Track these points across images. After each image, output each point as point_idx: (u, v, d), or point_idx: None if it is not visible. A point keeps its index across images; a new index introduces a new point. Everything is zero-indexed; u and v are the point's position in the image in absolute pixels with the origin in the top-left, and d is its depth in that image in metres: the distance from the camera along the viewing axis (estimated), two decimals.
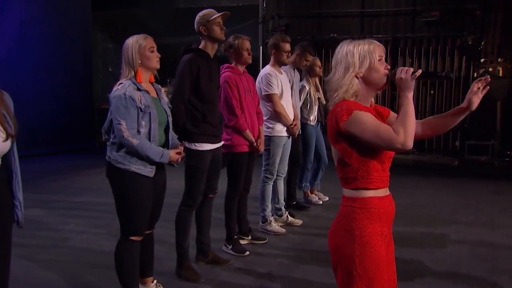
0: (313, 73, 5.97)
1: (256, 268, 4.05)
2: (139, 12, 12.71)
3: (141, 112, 2.94)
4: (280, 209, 5.26)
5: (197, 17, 3.76)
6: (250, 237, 4.65)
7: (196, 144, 3.70)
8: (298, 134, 5.28)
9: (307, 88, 5.89)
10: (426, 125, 2.18)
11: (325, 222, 3.12)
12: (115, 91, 2.94)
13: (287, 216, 5.29)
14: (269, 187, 4.96)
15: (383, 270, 2.03)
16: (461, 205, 6.26)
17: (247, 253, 4.33)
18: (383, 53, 2.05)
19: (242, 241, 4.53)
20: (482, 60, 10.28)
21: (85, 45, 12.02)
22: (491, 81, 2.09)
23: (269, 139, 4.78)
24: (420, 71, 1.96)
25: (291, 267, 4.08)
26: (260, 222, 5.02)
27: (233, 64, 4.30)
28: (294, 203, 5.92)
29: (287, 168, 5.19)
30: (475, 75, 10.25)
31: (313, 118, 5.95)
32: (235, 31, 4.75)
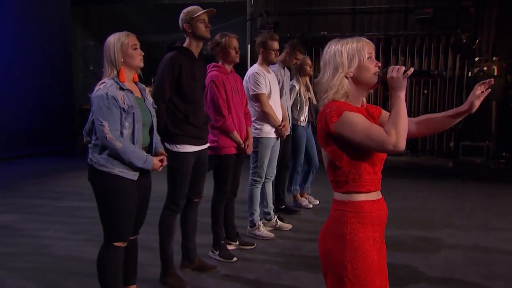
0: (303, 72, 5.99)
1: (244, 274, 4.05)
2: (122, 8, 12.68)
3: (124, 112, 2.92)
4: (269, 213, 5.26)
5: (181, 14, 3.76)
6: (237, 242, 4.65)
7: (177, 145, 3.70)
8: (287, 135, 5.30)
9: (297, 87, 5.91)
10: (421, 124, 2.19)
11: (316, 226, 3.14)
12: (96, 90, 2.93)
13: (276, 220, 5.30)
14: (257, 191, 4.97)
15: (375, 276, 2.03)
16: (455, 208, 6.32)
17: (235, 259, 4.33)
18: (372, 50, 2.06)
19: (229, 247, 4.52)
20: (476, 58, 10.38)
21: (65, 42, 11.94)
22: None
23: (257, 140, 4.79)
24: (412, 70, 1.97)
25: (280, 273, 4.09)
26: (248, 226, 5.02)
27: (220, 63, 4.30)
28: (283, 206, 5.93)
29: (275, 170, 5.20)
30: (469, 74, 10.35)
31: (303, 119, 5.97)
32: (222, 29, 4.75)
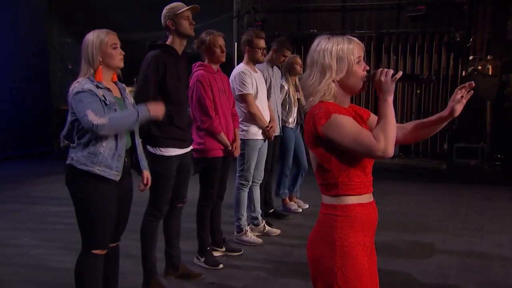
0: (293, 71, 5.99)
1: (230, 282, 4.05)
2: (102, 3, 12.58)
3: (105, 106, 2.90)
4: (256, 218, 5.27)
5: (164, 10, 3.75)
6: (224, 249, 4.65)
7: (161, 148, 3.69)
8: (275, 136, 5.31)
9: (286, 88, 5.92)
10: (407, 132, 2.24)
11: (305, 231, 3.14)
12: (72, 89, 2.90)
13: (264, 225, 5.30)
14: (245, 194, 4.97)
15: (366, 283, 2.05)
16: (449, 212, 6.37)
17: (221, 266, 4.32)
18: (362, 52, 2.08)
19: (215, 253, 4.52)
20: (470, 57, 10.47)
21: (40, 39, 11.81)
22: (480, 80, 2.15)
23: (244, 142, 4.79)
24: (400, 73, 1.98)
25: (269, 281, 4.09)
26: (235, 232, 5.02)
27: (205, 62, 4.30)
28: (271, 211, 5.94)
29: (263, 173, 5.20)
30: (464, 74, 10.43)
31: (292, 120, 5.99)
32: (207, 26, 4.75)
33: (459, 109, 2.13)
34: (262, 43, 4.89)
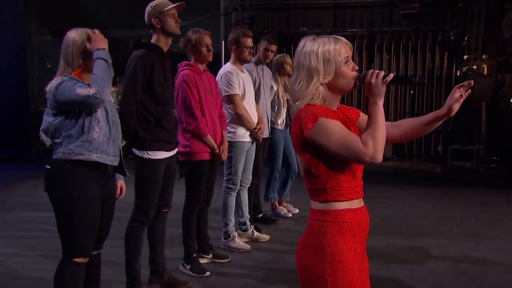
0: (283, 71, 5.99)
1: None
2: None
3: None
4: (244, 223, 5.27)
5: (148, 7, 3.74)
6: (211, 255, 4.65)
7: (149, 152, 3.68)
8: (264, 138, 5.32)
9: (275, 88, 5.93)
10: (400, 130, 2.22)
11: (295, 237, 3.15)
12: (51, 85, 2.87)
13: (253, 231, 5.31)
14: (232, 199, 4.97)
15: None
16: (444, 217, 6.41)
17: (208, 273, 4.32)
18: (350, 52, 2.08)
19: (202, 260, 4.51)
20: (465, 57, 10.54)
21: (18, 37, 11.68)
22: (475, 80, 2.17)
23: (231, 144, 4.79)
24: (391, 76, 1.98)
25: None
26: (222, 238, 5.02)
27: (192, 61, 4.30)
28: (260, 216, 5.95)
29: (251, 177, 5.21)
30: (458, 74, 10.51)
31: (281, 121, 6.00)
32: (194, 24, 4.75)
33: (456, 108, 2.14)
34: (249, 42, 4.89)
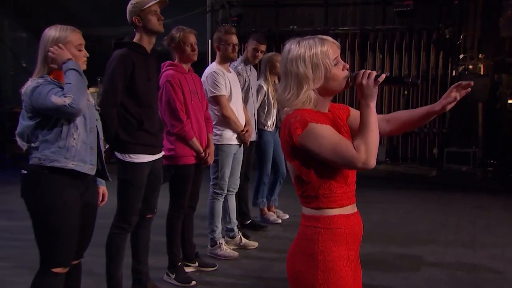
0: (273, 70, 5.97)
1: None
2: None
3: (62, 89, 2.81)
4: (232, 230, 5.26)
5: (129, 5, 3.69)
6: (197, 264, 4.63)
7: (131, 155, 3.66)
8: (251, 141, 5.32)
9: (265, 88, 5.92)
10: (392, 122, 2.24)
11: (285, 244, 3.14)
12: (27, 87, 2.84)
13: (241, 237, 5.29)
14: (219, 204, 4.96)
15: None
16: (439, 222, 6.44)
17: (194, 282, 4.30)
18: (338, 51, 2.07)
19: (187, 269, 4.50)
20: (461, 56, 10.59)
21: None
22: (471, 80, 2.18)
23: (218, 148, 4.78)
24: (384, 76, 1.97)
25: None
26: (208, 245, 5.01)
27: (176, 61, 4.28)
28: (248, 222, 5.94)
29: (239, 181, 5.20)
30: (454, 74, 10.57)
31: (270, 123, 6.00)
32: (178, 22, 4.73)
33: (449, 108, 2.19)
34: (233, 39, 4.86)
